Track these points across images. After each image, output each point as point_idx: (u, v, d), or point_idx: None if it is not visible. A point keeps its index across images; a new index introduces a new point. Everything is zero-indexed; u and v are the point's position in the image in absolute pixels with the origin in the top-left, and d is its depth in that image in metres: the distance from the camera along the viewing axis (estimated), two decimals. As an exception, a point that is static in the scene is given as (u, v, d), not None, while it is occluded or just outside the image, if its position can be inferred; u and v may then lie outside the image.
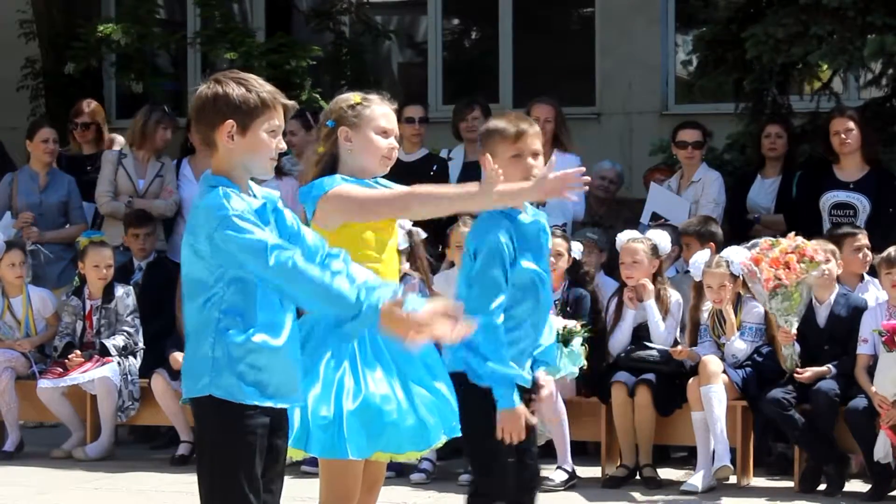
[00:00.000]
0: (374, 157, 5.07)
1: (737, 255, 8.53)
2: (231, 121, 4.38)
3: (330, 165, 5.06)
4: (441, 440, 5.11)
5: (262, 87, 4.44)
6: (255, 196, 4.48)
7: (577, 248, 9.05)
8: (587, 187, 5.15)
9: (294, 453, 4.93)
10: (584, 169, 5.02)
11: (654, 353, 8.74)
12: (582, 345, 8.17)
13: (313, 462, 8.75)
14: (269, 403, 4.42)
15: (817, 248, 8.34)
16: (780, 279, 8.24)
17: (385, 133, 5.08)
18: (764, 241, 8.48)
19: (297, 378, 4.53)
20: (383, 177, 5.15)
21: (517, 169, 5.14)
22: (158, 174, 10.70)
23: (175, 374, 9.45)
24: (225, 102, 4.39)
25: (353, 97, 5.11)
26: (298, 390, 4.56)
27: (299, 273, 4.31)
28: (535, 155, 5.21)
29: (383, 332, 4.38)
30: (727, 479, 8.48)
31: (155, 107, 10.97)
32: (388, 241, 5.09)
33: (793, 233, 8.56)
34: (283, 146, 4.48)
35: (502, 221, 5.14)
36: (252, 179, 4.54)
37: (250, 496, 4.38)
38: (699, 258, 8.80)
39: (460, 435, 5.15)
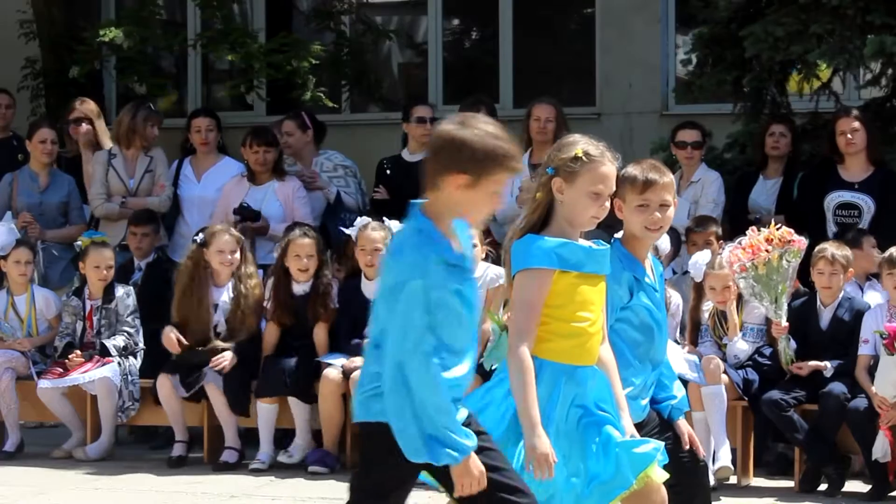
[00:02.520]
0: (582, 217, 4.96)
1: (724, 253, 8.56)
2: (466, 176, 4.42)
3: (546, 213, 4.97)
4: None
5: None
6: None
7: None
8: None
9: None
10: None
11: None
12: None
13: (319, 462, 8.80)
14: None
15: (792, 233, 8.31)
16: (755, 252, 8.22)
17: (597, 196, 4.93)
18: (751, 230, 8.46)
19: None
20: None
21: (641, 218, 5.19)
22: (148, 170, 10.71)
23: (174, 367, 9.39)
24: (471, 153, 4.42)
25: (577, 149, 4.95)
26: None
27: (430, 377, 4.33)
28: (662, 207, 5.20)
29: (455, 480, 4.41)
30: (727, 479, 8.48)
31: (141, 104, 10.96)
32: (603, 297, 5.01)
33: (772, 220, 8.56)
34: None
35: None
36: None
37: None
38: (700, 259, 8.80)
39: None
